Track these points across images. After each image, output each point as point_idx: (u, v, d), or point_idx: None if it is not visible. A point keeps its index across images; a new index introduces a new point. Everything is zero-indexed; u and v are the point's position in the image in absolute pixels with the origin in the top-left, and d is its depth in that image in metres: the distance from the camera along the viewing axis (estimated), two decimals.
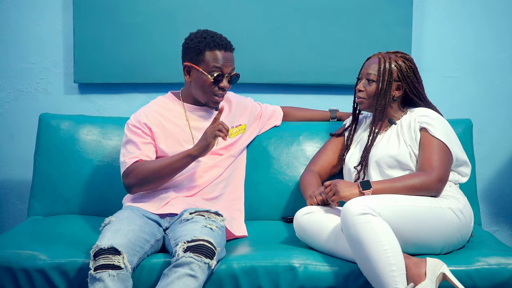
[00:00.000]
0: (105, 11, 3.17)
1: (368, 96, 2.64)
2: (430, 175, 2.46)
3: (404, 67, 2.62)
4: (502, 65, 3.31)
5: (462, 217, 2.45)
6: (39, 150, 2.96)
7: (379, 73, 2.61)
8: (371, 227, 2.26)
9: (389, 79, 2.61)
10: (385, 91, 2.61)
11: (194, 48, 2.66)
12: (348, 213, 2.30)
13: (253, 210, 2.90)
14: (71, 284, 2.37)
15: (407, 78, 2.63)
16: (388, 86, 2.61)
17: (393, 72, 2.62)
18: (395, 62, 2.62)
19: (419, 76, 2.67)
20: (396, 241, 2.27)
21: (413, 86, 2.64)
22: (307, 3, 3.19)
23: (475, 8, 3.28)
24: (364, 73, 2.66)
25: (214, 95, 2.68)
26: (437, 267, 2.28)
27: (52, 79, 3.27)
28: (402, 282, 2.23)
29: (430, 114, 2.60)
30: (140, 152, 2.64)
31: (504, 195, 3.38)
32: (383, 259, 2.23)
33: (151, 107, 2.76)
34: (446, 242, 2.44)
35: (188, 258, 2.25)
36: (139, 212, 2.54)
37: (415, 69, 2.65)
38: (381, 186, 2.45)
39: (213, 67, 2.65)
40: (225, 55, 2.67)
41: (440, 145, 2.52)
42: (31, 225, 2.79)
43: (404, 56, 2.66)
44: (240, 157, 2.85)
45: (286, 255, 2.42)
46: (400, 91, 2.64)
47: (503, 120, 3.33)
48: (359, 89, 2.66)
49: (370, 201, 2.31)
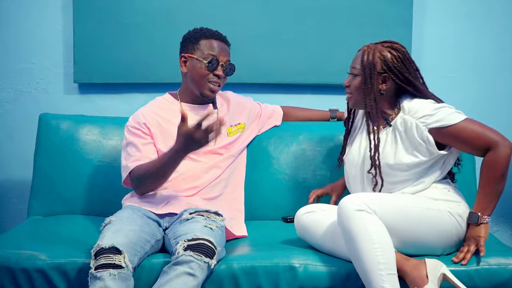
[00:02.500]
0: (105, 11, 3.17)
1: (353, 91, 2.53)
2: (496, 148, 2.37)
3: (390, 57, 2.47)
4: (502, 65, 3.31)
5: (461, 221, 2.43)
6: (39, 150, 2.96)
7: (362, 66, 2.49)
8: (364, 224, 2.25)
9: (372, 72, 2.48)
10: (370, 85, 2.48)
11: (190, 38, 2.72)
12: (344, 208, 2.29)
13: (253, 210, 2.90)
14: (71, 284, 2.36)
15: (393, 68, 2.47)
16: (372, 79, 2.48)
17: (376, 64, 2.47)
18: (379, 53, 2.48)
19: (410, 65, 2.50)
20: (388, 241, 2.26)
21: (402, 76, 2.48)
22: (307, 3, 3.19)
23: (475, 8, 3.28)
24: (350, 67, 2.56)
25: (209, 83, 2.69)
26: (437, 268, 2.28)
27: (52, 79, 3.27)
28: (389, 282, 2.21)
29: (426, 111, 2.45)
30: (141, 154, 2.64)
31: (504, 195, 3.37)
32: (372, 257, 2.23)
33: (149, 107, 2.76)
34: (445, 244, 2.43)
35: (188, 256, 2.25)
36: (140, 212, 2.54)
37: (404, 58, 2.48)
38: (488, 205, 2.43)
39: (208, 54, 2.68)
40: (220, 44, 2.70)
41: (464, 123, 2.41)
42: (31, 225, 2.79)
43: (391, 45, 2.51)
44: (240, 157, 2.85)
45: (286, 255, 2.42)
46: (387, 83, 2.49)
47: (503, 120, 3.33)
48: (345, 85, 2.56)
49: (367, 198, 2.30)
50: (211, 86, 2.70)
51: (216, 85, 2.70)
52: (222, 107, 2.83)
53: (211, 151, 2.74)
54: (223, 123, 2.43)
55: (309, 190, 2.82)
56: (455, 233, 2.42)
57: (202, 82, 2.69)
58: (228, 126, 2.81)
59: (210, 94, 2.72)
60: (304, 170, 2.95)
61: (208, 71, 2.68)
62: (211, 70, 2.67)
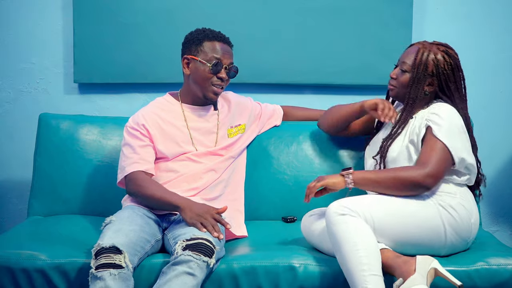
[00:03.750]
0: (105, 11, 3.17)
1: (399, 86, 2.55)
2: (420, 168, 2.41)
3: (442, 62, 2.49)
4: (502, 65, 3.31)
5: (454, 213, 2.42)
6: (39, 150, 2.96)
7: (414, 64, 2.51)
8: (347, 227, 2.28)
9: (424, 72, 2.50)
10: (417, 85, 2.51)
11: (193, 40, 2.70)
12: (328, 214, 2.34)
13: (253, 210, 2.90)
14: (71, 284, 2.37)
15: (441, 74, 2.50)
16: (422, 79, 2.50)
17: (429, 65, 2.49)
18: (433, 55, 2.49)
19: (458, 74, 2.53)
20: (372, 242, 2.28)
21: (445, 84, 2.51)
22: (307, 3, 3.19)
23: (475, 8, 3.28)
24: (400, 61, 2.56)
25: (213, 85, 2.68)
26: (427, 262, 2.28)
27: (52, 79, 3.27)
28: (372, 283, 2.22)
29: (441, 113, 2.48)
30: (139, 157, 2.63)
31: (504, 195, 3.38)
32: (355, 259, 2.25)
33: (149, 108, 2.76)
34: (442, 240, 2.41)
35: (187, 256, 2.25)
36: (140, 211, 2.54)
37: (454, 66, 2.51)
38: (362, 174, 2.44)
39: (212, 57, 2.66)
40: (224, 46, 2.69)
41: (440, 145, 2.44)
42: (31, 225, 2.79)
43: (447, 50, 2.52)
44: (240, 157, 2.85)
45: (286, 255, 2.42)
46: (432, 86, 2.53)
47: (503, 120, 3.33)
48: (391, 76, 2.58)
49: (350, 202, 2.33)
50: (215, 89, 2.69)
51: (219, 88, 2.70)
52: (223, 108, 2.83)
53: (211, 152, 2.73)
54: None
55: None
56: (448, 225, 2.41)
57: (206, 85, 2.69)
58: (229, 127, 2.81)
59: (213, 96, 2.71)
60: (304, 170, 2.94)
61: (212, 73, 2.67)
62: (215, 73, 2.67)
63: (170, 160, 2.70)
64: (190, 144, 2.72)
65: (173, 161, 2.70)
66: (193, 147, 2.72)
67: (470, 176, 2.52)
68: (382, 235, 2.36)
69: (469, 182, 2.54)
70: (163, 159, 2.70)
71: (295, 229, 2.73)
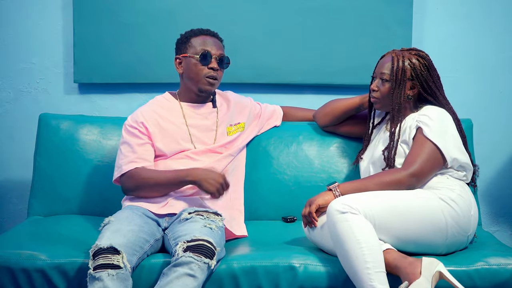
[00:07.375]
0: (105, 11, 3.17)
1: (382, 96, 2.62)
2: (404, 170, 2.47)
3: (418, 65, 2.58)
4: (502, 65, 3.31)
5: (455, 205, 2.42)
6: (39, 150, 2.96)
7: (392, 72, 2.59)
8: (348, 225, 2.29)
9: (403, 78, 2.58)
10: (399, 90, 2.58)
11: (181, 40, 2.76)
12: (329, 212, 2.34)
13: (253, 210, 2.90)
14: (71, 284, 2.37)
15: (420, 76, 2.59)
16: (402, 85, 2.58)
17: (407, 70, 2.58)
18: (408, 60, 2.59)
19: (434, 73, 2.62)
20: (374, 240, 2.29)
21: (426, 84, 2.60)
22: (307, 3, 3.19)
23: (475, 8, 3.28)
24: (378, 72, 2.64)
25: (206, 77, 2.69)
26: (433, 265, 2.28)
27: (52, 79, 3.27)
28: (377, 280, 2.23)
29: (431, 114, 2.55)
30: (136, 156, 2.64)
31: (504, 195, 3.38)
32: (359, 257, 2.26)
33: (148, 106, 2.77)
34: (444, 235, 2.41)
35: (188, 257, 2.25)
36: (139, 211, 2.54)
37: (429, 66, 2.60)
38: (348, 184, 2.49)
39: (200, 49, 2.70)
40: (211, 39, 2.73)
41: (429, 145, 2.49)
42: (31, 225, 2.79)
43: (418, 53, 2.61)
44: (239, 156, 2.85)
45: (286, 255, 2.42)
46: (414, 89, 2.61)
47: (503, 120, 3.33)
48: (373, 89, 2.64)
49: (350, 200, 2.34)
50: (209, 81, 2.70)
51: (212, 79, 2.71)
52: (221, 106, 2.83)
53: (210, 150, 2.74)
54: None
55: (309, 190, 2.82)
56: (450, 218, 2.41)
57: (199, 78, 2.70)
58: (228, 125, 2.81)
59: (208, 88, 2.72)
60: (304, 170, 2.95)
61: (202, 65, 2.68)
62: (205, 64, 2.68)
63: (168, 157, 2.70)
64: (188, 141, 2.72)
65: (172, 159, 2.70)
66: (191, 145, 2.73)
67: (467, 173, 2.57)
68: (383, 231, 2.36)
69: (466, 179, 2.58)
70: (162, 156, 2.70)
71: (295, 229, 2.74)
